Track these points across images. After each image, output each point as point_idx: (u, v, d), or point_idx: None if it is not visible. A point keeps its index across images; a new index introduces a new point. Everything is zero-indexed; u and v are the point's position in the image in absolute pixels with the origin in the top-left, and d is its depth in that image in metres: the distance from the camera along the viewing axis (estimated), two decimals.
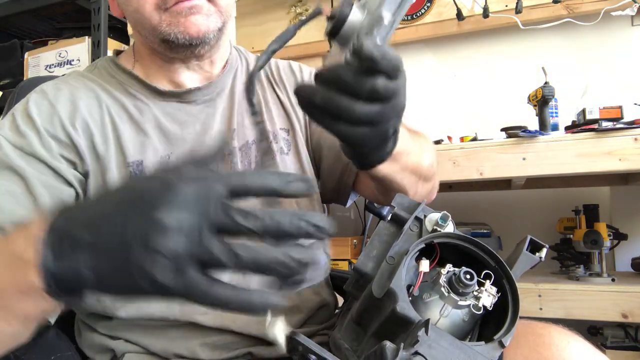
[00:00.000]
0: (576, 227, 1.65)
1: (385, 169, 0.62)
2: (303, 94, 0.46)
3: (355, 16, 0.44)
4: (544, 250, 0.55)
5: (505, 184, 1.81)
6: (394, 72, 0.44)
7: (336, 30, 0.45)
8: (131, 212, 0.36)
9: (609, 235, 1.57)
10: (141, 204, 0.36)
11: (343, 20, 0.44)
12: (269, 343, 0.72)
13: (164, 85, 0.78)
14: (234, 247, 0.35)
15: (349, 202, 0.91)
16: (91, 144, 0.71)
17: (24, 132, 0.68)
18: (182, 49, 0.73)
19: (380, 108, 0.46)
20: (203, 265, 0.35)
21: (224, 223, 0.35)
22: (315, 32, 2.11)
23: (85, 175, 0.71)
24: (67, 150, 0.70)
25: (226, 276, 0.36)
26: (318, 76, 0.46)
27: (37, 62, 1.82)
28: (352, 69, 0.43)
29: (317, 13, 0.48)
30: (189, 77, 0.79)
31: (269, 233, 0.36)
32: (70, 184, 0.69)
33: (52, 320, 0.67)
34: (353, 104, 0.45)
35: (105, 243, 0.36)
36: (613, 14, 1.73)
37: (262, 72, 0.87)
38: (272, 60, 0.90)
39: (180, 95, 0.77)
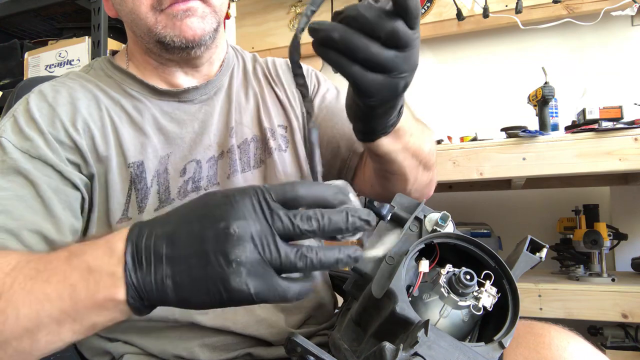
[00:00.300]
0: (576, 227, 1.65)
1: (387, 144, 0.62)
2: (320, 31, 0.46)
3: None
4: (544, 251, 0.55)
5: (505, 184, 1.81)
6: (416, 18, 0.45)
7: None
8: (203, 226, 0.40)
9: (609, 235, 1.57)
10: (212, 218, 0.40)
11: None
12: (269, 344, 0.72)
13: (160, 85, 0.78)
14: (301, 249, 0.40)
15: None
16: (93, 146, 0.71)
17: (28, 135, 0.67)
18: (178, 51, 0.72)
19: (396, 55, 0.46)
20: (276, 268, 0.39)
21: (287, 228, 0.39)
22: None
23: (90, 177, 0.70)
24: (71, 153, 0.69)
25: None
26: (338, 13, 0.46)
27: (37, 62, 1.82)
28: (374, 9, 0.44)
29: None
30: (184, 78, 0.79)
31: (327, 232, 0.40)
32: (76, 187, 0.68)
33: None
34: (371, 45, 0.45)
35: (185, 256, 0.40)
36: (613, 14, 1.73)
37: (259, 69, 0.87)
38: (269, 59, 0.90)
39: (178, 95, 0.77)
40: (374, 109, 0.55)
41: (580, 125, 1.46)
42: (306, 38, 0.45)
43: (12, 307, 0.47)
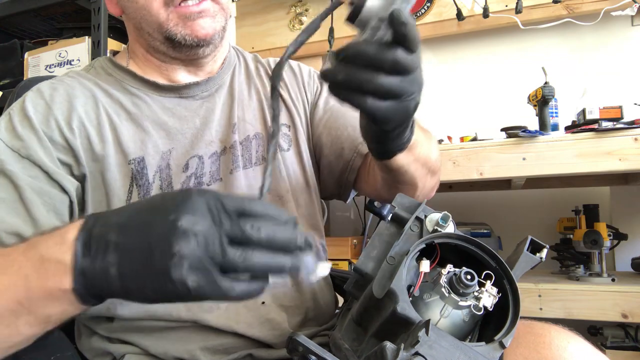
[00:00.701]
0: (576, 227, 1.65)
1: (402, 159, 0.64)
2: (328, 76, 0.48)
3: (372, 1, 0.47)
4: (545, 251, 0.55)
5: (505, 184, 1.81)
6: (416, 43, 0.47)
7: (355, 14, 0.47)
8: (154, 217, 0.41)
9: (609, 235, 1.57)
10: (163, 210, 0.41)
11: (361, 5, 0.46)
12: (269, 345, 0.72)
13: (161, 81, 0.78)
14: (246, 251, 0.40)
15: (349, 199, 0.91)
16: (88, 145, 0.71)
17: (20, 134, 0.68)
18: (187, 49, 0.73)
19: (402, 80, 0.48)
20: (220, 267, 0.39)
21: (234, 230, 0.40)
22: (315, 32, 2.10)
23: (82, 178, 0.70)
24: (63, 153, 0.69)
25: None
26: (338, 54, 0.47)
27: (37, 62, 1.82)
28: (372, 44, 0.46)
29: (337, 4, 0.50)
30: (186, 75, 0.79)
31: (274, 243, 0.41)
32: (64, 190, 0.68)
33: None
34: (376, 77, 0.46)
35: (132, 244, 0.40)
36: (613, 14, 1.73)
37: (262, 69, 0.88)
38: (271, 59, 0.91)
39: (179, 90, 0.78)
40: (389, 132, 0.56)
41: (580, 125, 1.46)
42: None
43: None
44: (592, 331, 1.61)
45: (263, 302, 0.72)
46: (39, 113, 0.70)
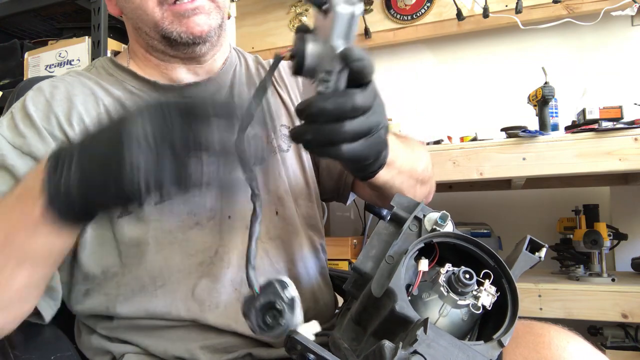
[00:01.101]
0: (576, 227, 1.65)
1: (384, 175, 0.63)
2: (297, 138, 0.49)
3: (313, 48, 0.46)
4: (544, 250, 0.55)
5: (505, 184, 1.81)
6: (372, 72, 0.47)
7: (299, 65, 0.47)
8: (111, 128, 0.43)
9: (609, 235, 1.57)
10: (119, 120, 0.43)
11: (303, 56, 0.46)
12: (269, 345, 0.72)
13: (161, 81, 0.78)
14: (195, 159, 0.41)
15: (349, 201, 0.91)
16: None
17: (22, 131, 0.68)
18: (184, 47, 0.73)
19: (367, 116, 0.48)
20: (173, 171, 0.41)
21: (183, 136, 0.41)
22: None
23: None
24: None
25: None
26: (299, 115, 0.48)
27: (37, 62, 1.82)
28: (328, 97, 0.46)
29: (278, 59, 0.51)
30: (186, 74, 0.79)
31: (219, 151, 0.42)
32: None
33: (47, 317, 0.67)
34: (343, 125, 0.47)
35: (90, 157, 0.43)
36: (613, 14, 1.73)
37: (262, 70, 0.88)
38: (271, 60, 0.91)
39: (180, 90, 0.78)
40: (369, 163, 0.56)
41: (580, 125, 1.46)
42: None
43: None
44: (592, 331, 1.61)
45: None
46: (39, 110, 0.71)
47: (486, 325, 0.54)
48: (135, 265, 0.70)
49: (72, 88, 0.74)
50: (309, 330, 0.47)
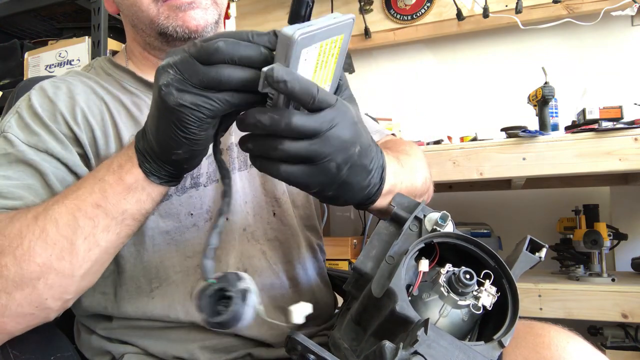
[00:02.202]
0: (576, 227, 1.65)
1: (380, 204, 0.59)
2: (240, 146, 0.49)
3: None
4: (544, 250, 0.55)
5: (505, 184, 1.81)
6: (317, 102, 0.44)
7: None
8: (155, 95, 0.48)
9: (609, 235, 1.57)
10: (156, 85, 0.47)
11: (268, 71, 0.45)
12: (269, 345, 0.72)
13: None
14: (216, 67, 0.44)
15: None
16: (92, 139, 0.71)
17: (34, 130, 0.68)
18: (180, 42, 0.73)
19: (311, 143, 0.45)
20: (193, 81, 0.44)
21: (199, 51, 0.44)
22: None
23: (90, 169, 0.71)
24: (75, 145, 0.70)
25: None
26: (238, 124, 0.47)
27: (37, 62, 1.82)
28: (266, 111, 0.44)
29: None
30: None
31: (236, 60, 0.44)
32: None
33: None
34: (281, 143, 0.45)
35: (152, 120, 0.49)
36: (613, 14, 1.73)
37: None
38: None
39: None
40: (326, 195, 0.52)
41: (580, 125, 1.46)
42: None
43: (51, 221, 0.53)
44: (592, 331, 1.61)
45: (260, 303, 0.72)
46: (45, 110, 0.70)
47: (486, 325, 0.54)
48: (131, 265, 0.70)
49: (73, 87, 0.74)
50: (300, 311, 0.46)
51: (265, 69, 0.43)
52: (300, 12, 0.45)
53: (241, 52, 0.44)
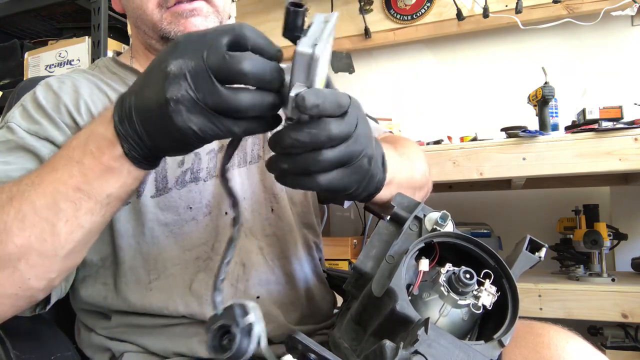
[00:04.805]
0: (576, 227, 1.65)
1: (383, 195, 0.61)
2: (274, 170, 0.48)
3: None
4: (544, 250, 0.55)
5: (505, 184, 1.81)
6: (341, 108, 0.45)
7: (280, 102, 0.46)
8: (152, 72, 0.45)
9: (609, 235, 1.57)
10: (158, 62, 0.44)
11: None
12: (269, 341, 0.72)
13: None
14: (234, 90, 0.42)
15: (347, 204, 0.91)
16: None
17: (36, 119, 0.70)
18: None
19: (347, 145, 0.47)
20: (215, 105, 0.42)
21: (220, 66, 0.41)
22: None
23: None
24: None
25: None
26: (274, 146, 0.46)
27: (37, 62, 1.82)
28: (301, 128, 0.44)
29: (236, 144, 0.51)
30: None
31: (260, 76, 0.42)
32: None
33: (53, 299, 0.67)
34: (320, 154, 0.45)
35: (143, 103, 0.45)
36: (613, 14, 1.73)
37: None
38: None
39: None
40: (359, 193, 0.54)
41: (580, 125, 1.46)
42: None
43: (28, 202, 0.51)
44: (592, 331, 1.61)
45: (258, 297, 0.72)
46: (49, 102, 0.72)
47: (486, 325, 0.54)
48: (130, 257, 0.71)
49: (78, 82, 0.77)
50: None
51: (293, 94, 0.42)
52: (297, 23, 0.44)
53: (267, 76, 0.42)
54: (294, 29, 0.44)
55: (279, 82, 0.43)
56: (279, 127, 0.47)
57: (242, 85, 0.43)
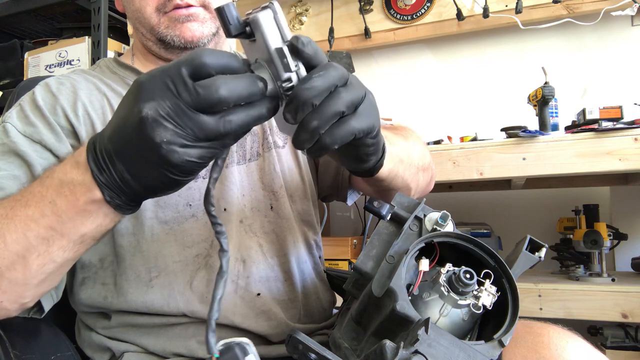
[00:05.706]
0: (576, 227, 1.65)
1: (386, 165, 0.63)
2: (305, 140, 0.46)
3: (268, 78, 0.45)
4: (543, 250, 0.55)
5: (505, 184, 1.81)
6: (325, 56, 0.46)
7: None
8: (128, 116, 0.42)
9: (609, 235, 1.57)
10: (130, 105, 0.42)
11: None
12: (269, 341, 0.72)
13: None
14: (219, 116, 0.41)
15: (350, 201, 0.91)
16: (92, 132, 0.73)
17: (32, 121, 0.71)
18: (177, 50, 0.77)
19: (352, 88, 0.46)
20: (201, 135, 0.42)
21: (196, 101, 0.40)
22: (315, 32, 2.11)
23: None
24: (71, 138, 0.72)
25: None
26: (292, 110, 0.45)
27: (37, 62, 1.82)
28: (304, 80, 0.44)
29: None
30: None
31: (235, 96, 0.41)
32: None
33: (47, 308, 0.67)
34: (339, 95, 0.45)
35: (126, 149, 0.44)
36: (613, 14, 1.73)
37: None
38: None
39: None
40: (370, 142, 0.54)
41: (580, 125, 1.46)
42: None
43: None
44: (592, 331, 1.61)
45: (258, 294, 0.72)
46: (47, 103, 0.73)
47: (486, 325, 0.54)
48: (130, 255, 0.71)
49: (77, 83, 0.77)
50: None
51: (285, 49, 0.43)
52: (233, 15, 0.43)
53: (245, 92, 0.42)
54: (236, 23, 0.44)
55: (260, 90, 0.43)
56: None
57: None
